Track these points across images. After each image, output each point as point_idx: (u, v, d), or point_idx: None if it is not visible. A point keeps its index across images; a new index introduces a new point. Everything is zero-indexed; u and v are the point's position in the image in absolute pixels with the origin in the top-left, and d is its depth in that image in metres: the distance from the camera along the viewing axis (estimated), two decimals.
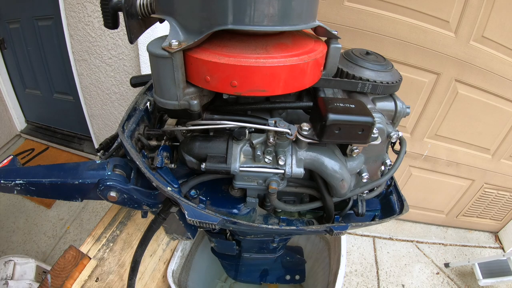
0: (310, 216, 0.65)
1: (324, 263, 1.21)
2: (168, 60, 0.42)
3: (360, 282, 1.93)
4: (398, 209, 0.64)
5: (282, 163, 0.50)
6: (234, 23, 0.40)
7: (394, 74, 0.58)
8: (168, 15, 0.44)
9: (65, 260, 0.81)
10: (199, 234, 1.22)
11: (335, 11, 1.47)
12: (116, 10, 0.50)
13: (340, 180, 0.52)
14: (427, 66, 1.59)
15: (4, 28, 2.28)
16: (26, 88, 2.56)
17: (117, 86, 1.73)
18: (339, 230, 0.55)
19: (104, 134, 2.10)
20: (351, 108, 0.46)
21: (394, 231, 2.28)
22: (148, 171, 0.50)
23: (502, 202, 2.21)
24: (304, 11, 0.44)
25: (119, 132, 0.54)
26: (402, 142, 0.60)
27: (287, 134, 0.48)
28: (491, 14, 1.40)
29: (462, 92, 1.66)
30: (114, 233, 0.94)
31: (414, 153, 1.95)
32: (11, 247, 1.89)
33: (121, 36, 1.50)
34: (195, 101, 0.47)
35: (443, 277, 2.03)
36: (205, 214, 0.50)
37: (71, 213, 2.13)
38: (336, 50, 0.52)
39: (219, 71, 0.42)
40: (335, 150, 0.53)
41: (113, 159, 0.61)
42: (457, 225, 2.39)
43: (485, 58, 1.54)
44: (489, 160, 1.97)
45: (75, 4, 1.51)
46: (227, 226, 0.56)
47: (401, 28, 1.48)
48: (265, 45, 0.44)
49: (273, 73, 0.42)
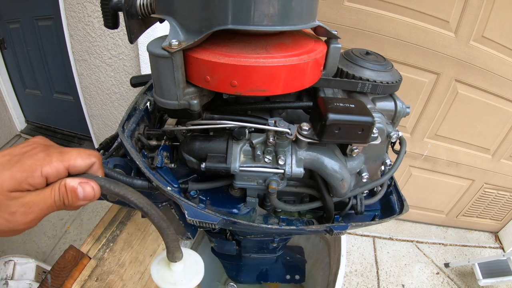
0: (310, 216, 0.65)
1: (324, 263, 1.21)
2: (168, 60, 0.42)
3: (360, 282, 1.93)
4: (398, 209, 0.64)
5: (282, 163, 0.50)
6: (234, 23, 0.40)
7: (394, 74, 0.58)
8: (168, 15, 0.44)
9: (65, 260, 0.81)
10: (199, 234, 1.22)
11: (335, 11, 1.47)
12: (116, 10, 0.50)
13: (340, 180, 0.52)
14: (427, 66, 1.59)
15: (4, 28, 2.28)
16: (26, 88, 2.56)
17: (117, 86, 1.73)
18: (339, 230, 0.55)
19: (104, 134, 2.10)
20: (351, 108, 0.46)
21: (394, 231, 2.28)
22: (148, 171, 0.50)
23: (502, 202, 2.21)
24: (304, 11, 0.44)
25: (119, 132, 0.54)
26: (402, 142, 0.60)
27: (287, 134, 0.48)
28: (491, 14, 1.40)
29: (462, 92, 1.67)
30: (114, 233, 0.94)
31: (414, 153, 1.95)
32: (11, 247, 1.89)
33: (121, 36, 1.50)
34: (195, 101, 0.47)
35: (443, 277, 2.03)
36: (205, 214, 0.50)
37: (71, 213, 2.13)
38: (336, 50, 0.52)
39: (219, 71, 0.42)
40: (335, 150, 0.53)
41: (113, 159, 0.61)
42: (457, 225, 2.39)
43: (485, 58, 1.54)
44: (489, 160, 1.97)
45: (75, 4, 1.51)
46: (227, 226, 0.56)
47: (401, 28, 1.48)
48: (265, 45, 0.44)
49: (273, 73, 0.42)
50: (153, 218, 0.41)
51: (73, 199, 0.36)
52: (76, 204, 0.36)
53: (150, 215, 0.41)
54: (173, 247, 0.43)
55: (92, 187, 0.36)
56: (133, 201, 0.39)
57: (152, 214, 0.41)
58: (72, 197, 0.35)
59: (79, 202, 0.36)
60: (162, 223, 0.42)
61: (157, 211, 0.41)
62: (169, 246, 0.43)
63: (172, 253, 0.44)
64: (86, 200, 0.36)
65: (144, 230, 1.02)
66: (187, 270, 0.46)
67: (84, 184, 0.36)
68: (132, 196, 0.39)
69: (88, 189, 0.36)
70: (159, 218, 0.41)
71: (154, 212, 0.41)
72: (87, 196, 0.36)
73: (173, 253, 0.44)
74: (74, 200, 0.36)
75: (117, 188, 0.39)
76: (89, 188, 0.36)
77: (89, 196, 0.36)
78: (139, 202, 0.40)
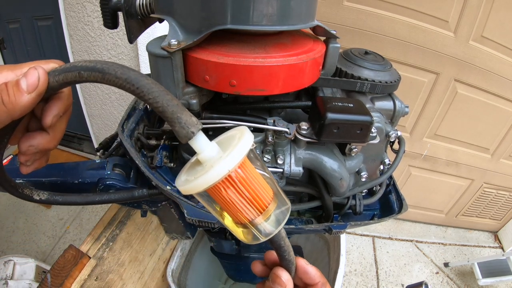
0: (309, 215, 0.65)
1: (323, 263, 1.21)
2: (168, 60, 0.42)
3: (360, 281, 1.94)
4: (397, 209, 0.64)
5: (281, 162, 0.50)
6: (233, 22, 0.40)
7: (393, 73, 0.58)
8: (167, 15, 0.44)
9: (65, 259, 0.81)
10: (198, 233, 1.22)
11: (334, 11, 1.47)
12: (116, 10, 0.51)
13: (339, 179, 0.52)
14: (427, 66, 1.59)
15: (4, 28, 2.28)
16: None
17: None
18: (338, 229, 0.56)
19: (103, 133, 2.10)
20: (349, 107, 0.46)
21: (393, 231, 2.28)
22: (148, 170, 0.50)
23: (501, 201, 2.21)
24: (303, 11, 0.44)
25: (118, 132, 0.54)
26: (401, 142, 0.61)
27: (286, 133, 0.48)
28: (491, 14, 1.40)
29: (461, 92, 1.67)
30: (114, 232, 0.95)
31: (414, 152, 1.95)
32: (10, 247, 1.89)
33: (121, 36, 1.50)
34: (195, 100, 0.47)
35: (443, 277, 2.03)
36: (205, 213, 0.50)
37: (70, 213, 2.13)
38: (335, 49, 0.52)
39: (218, 71, 0.42)
40: (334, 149, 0.53)
41: (113, 158, 0.61)
42: (457, 225, 2.39)
43: (485, 58, 1.54)
44: (488, 159, 1.98)
45: (74, 4, 1.51)
46: None
47: (401, 28, 1.48)
48: (264, 45, 0.44)
49: (271, 73, 0.42)
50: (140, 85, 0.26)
51: (15, 92, 0.28)
52: (20, 99, 0.28)
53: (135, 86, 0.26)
54: (179, 110, 0.27)
55: (37, 73, 0.28)
56: (109, 72, 0.26)
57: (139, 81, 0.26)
58: (13, 90, 0.28)
59: (23, 95, 0.27)
60: (148, 81, 0.26)
61: (147, 78, 0.27)
62: (172, 111, 0.26)
63: (183, 121, 0.27)
64: (30, 91, 0.27)
65: (143, 229, 1.02)
66: (225, 149, 0.29)
67: (28, 72, 0.28)
68: (103, 66, 0.26)
69: (31, 75, 0.28)
70: (142, 76, 0.26)
71: (135, 74, 0.26)
72: (30, 84, 0.27)
73: (185, 120, 0.27)
74: (16, 93, 0.27)
75: (77, 68, 0.27)
76: (33, 74, 0.28)
77: (32, 82, 0.27)
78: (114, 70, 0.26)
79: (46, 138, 0.34)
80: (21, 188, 0.41)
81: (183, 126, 0.27)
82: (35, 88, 0.28)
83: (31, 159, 0.35)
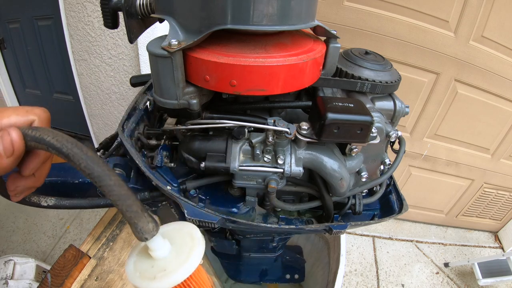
0: (309, 215, 0.65)
1: (323, 263, 1.21)
2: (168, 60, 0.42)
3: (360, 281, 1.94)
4: (397, 209, 0.64)
5: (281, 162, 0.50)
6: (233, 22, 0.40)
7: (393, 73, 0.58)
8: (168, 15, 0.44)
9: (65, 259, 0.81)
10: None
11: (334, 11, 1.47)
12: (116, 10, 0.51)
13: (339, 179, 0.52)
14: (427, 66, 1.59)
15: (4, 28, 2.28)
16: (26, 88, 2.56)
17: (117, 86, 1.74)
18: (338, 229, 0.55)
19: (103, 133, 2.10)
20: (350, 107, 0.46)
21: (393, 231, 2.28)
22: (148, 170, 0.50)
23: (501, 201, 2.21)
24: (303, 11, 0.44)
25: (119, 132, 0.54)
26: (401, 142, 0.61)
27: (286, 133, 0.48)
28: (491, 14, 1.40)
29: (461, 92, 1.67)
30: (114, 232, 0.94)
31: (414, 152, 1.95)
32: (11, 247, 1.89)
33: (121, 36, 1.50)
34: (195, 100, 0.47)
35: (443, 277, 2.03)
36: (205, 213, 0.50)
37: (71, 212, 2.13)
38: (335, 49, 0.52)
39: (218, 71, 0.42)
40: (334, 149, 0.53)
41: (113, 158, 0.61)
42: (457, 225, 2.39)
43: (485, 58, 1.54)
44: (488, 159, 1.98)
45: (75, 4, 1.51)
46: (227, 225, 0.56)
47: (401, 28, 1.48)
48: (264, 45, 0.44)
49: (272, 73, 0.42)
50: (99, 178, 0.27)
51: None
52: None
53: (95, 177, 0.27)
54: (137, 216, 0.29)
55: (9, 139, 0.27)
56: (68, 154, 0.27)
57: (99, 173, 0.27)
58: None
59: (2, 159, 0.28)
60: (112, 182, 0.27)
61: (108, 170, 0.28)
62: (129, 216, 0.28)
63: (139, 228, 0.29)
64: (8, 156, 0.28)
65: None
66: (177, 250, 0.33)
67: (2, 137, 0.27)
68: (70, 148, 0.28)
69: (5, 141, 0.27)
70: (107, 175, 0.27)
71: (100, 170, 0.27)
72: (6, 149, 0.27)
73: (140, 227, 0.29)
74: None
75: (49, 137, 0.28)
76: (6, 140, 0.27)
77: (7, 148, 0.27)
78: (75, 153, 0.28)
79: (31, 179, 0.35)
80: (28, 196, 0.42)
81: (138, 231, 0.30)
82: (11, 153, 0.28)
83: (19, 193, 0.36)
